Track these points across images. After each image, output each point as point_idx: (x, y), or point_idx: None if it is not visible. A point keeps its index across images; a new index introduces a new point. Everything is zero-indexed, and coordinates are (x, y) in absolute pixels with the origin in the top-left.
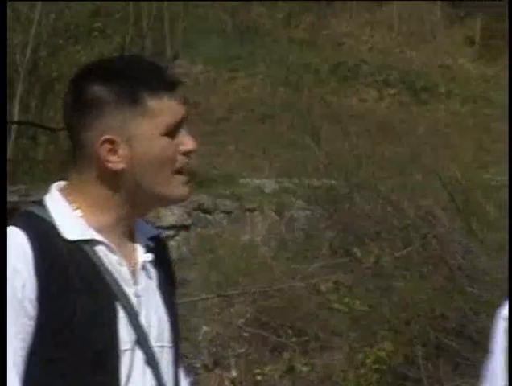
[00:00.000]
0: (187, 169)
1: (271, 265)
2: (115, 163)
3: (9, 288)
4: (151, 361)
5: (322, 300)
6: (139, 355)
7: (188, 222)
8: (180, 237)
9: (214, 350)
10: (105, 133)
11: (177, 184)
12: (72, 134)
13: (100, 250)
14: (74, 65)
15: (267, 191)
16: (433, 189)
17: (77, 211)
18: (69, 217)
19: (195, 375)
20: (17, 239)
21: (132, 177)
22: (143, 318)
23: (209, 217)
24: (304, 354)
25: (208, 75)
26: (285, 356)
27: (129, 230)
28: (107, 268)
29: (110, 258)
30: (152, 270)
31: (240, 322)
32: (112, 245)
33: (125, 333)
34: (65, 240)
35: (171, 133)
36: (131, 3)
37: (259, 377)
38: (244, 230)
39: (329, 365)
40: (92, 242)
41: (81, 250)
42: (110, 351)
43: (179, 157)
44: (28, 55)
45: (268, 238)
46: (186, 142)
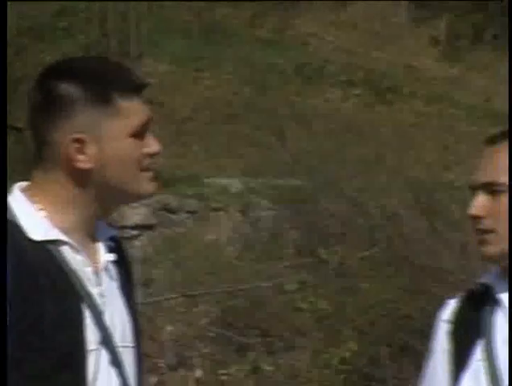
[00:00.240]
0: (153, 167)
1: (236, 265)
2: (83, 162)
3: None
4: (116, 361)
5: (287, 300)
6: (104, 356)
7: (153, 222)
8: (145, 237)
9: (179, 350)
10: (74, 132)
11: (144, 180)
12: (38, 133)
13: (65, 250)
14: (39, 65)
15: (232, 191)
16: (397, 189)
17: (42, 212)
18: (33, 217)
19: (159, 374)
20: None
21: (99, 176)
22: (107, 319)
23: (174, 217)
24: (269, 354)
25: (172, 75)
26: (250, 356)
27: (91, 230)
28: (72, 268)
29: (75, 258)
30: (113, 270)
31: (204, 322)
32: (76, 245)
33: (91, 333)
34: (30, 241)
35: (139, 135)
36: (96, 3)
37: (224, 377)
38: (209, 230)
39: (294, 365)
40: (57, 242)
41: (46, 250)
42: (77, 352)
43: (144, 158)
44: None
45: (233, 238)
46: (151, 144)
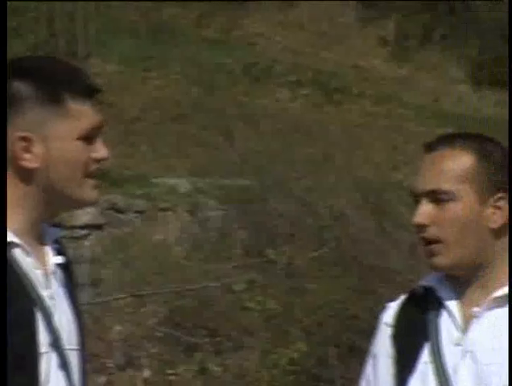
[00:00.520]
0: (97, 174)
1: (184, 265)
2: (29, 161)
3: None
4: (64, 364)
5: (235, 300)
6: (54, 358)
7: (101, 221)
8: (93, 237)
9: (127, 350)
10: (21, 130)
11: (87, 188)
12: None
13: (16, 253)
14: None
15: (180, 191)
16: (346, 189)
17: None
18: None
19: (107, 374)
20: None
21: (45, 177)
22: (57, 321)
23: (122, 217)
24: (217, 354)
25: (120, 75)
26: (198, 356)
27: (38, 232)
28: (24, 271)
29: (25, 261)
30: (60, 273)
31: (152, 322)
32: (27, 248)
33: (42, 336)
34: None
35: (87, 138)
36: (44, 3)
37: (172, 377)
38: (157, 230)
39: (242, 365)
40: (10, 244)
41: None
42: (30, 354)
43: (91, 162)
44: None
45: (181, 238)
46: (100, 149)
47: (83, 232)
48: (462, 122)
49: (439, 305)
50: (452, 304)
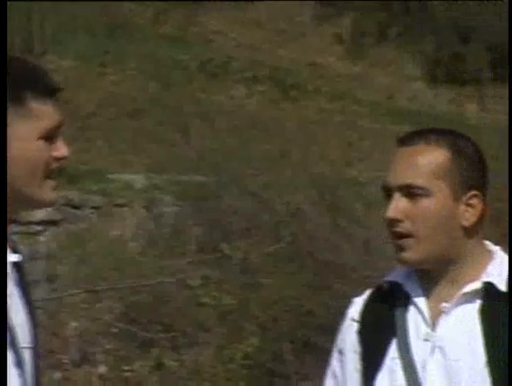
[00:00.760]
0: (57, 173)
1: (140, 261)
2: None
3: None
4: (19, 362)
5: (190, 295)
6: (11, 357)
7: (57, 217)
8: (49, 233)
9: (82, 345)
10: None
11: (47, 188)
12: None
13: None
14: None
15: (136, 187)
16: (302, 185)
17: None
18: None
19: (63, 370)
20: None
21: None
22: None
23: (78, 212)
24: (173, 349)
25: (77, 71)
26: (154, 352)
27: None
28: None
29: None
30: (13, 271)
31: (108, 318)
32: None
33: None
34: None
35: (48, 138)
36: None
37: (127, 373)
38: (113, 225)
39: (198, 361)
40: None
41: None
42: None
43: (52, 161)
44: None
45: (137, 234)
46: (60, 148)
47: (39, 228)
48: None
49: (406, 300)
50: (420, 299)
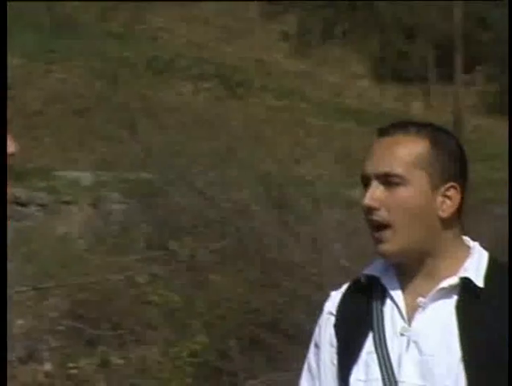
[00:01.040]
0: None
1: (87, 258)
2: None
3: None
4: None
5: (138, 293)
6: None
7: None
8: None
9: (28, 343)
10: None
11: None
12: None
13: None
14: None
15: (83, 184)
16: (249, 183)
17: None
18: None
19: (9, 368)
20: None
21: None
22: None
23: (25, 210)
24: (120, 347)
25: (23, 68)
26: (100, 349)
27: None
28: None
29: None
30: None
31: (55, 315)
32: None
33: None
34: None
35: None
36: None
37: (74, 371)
38: (60, 223)
39: (145, 358)
40: None
41: None
42: None
43: None
44: None
45: (84, 231)
46: (9, 145)
47: None
48: (363, 116)
49: (383, 294)
50: (397, 293)
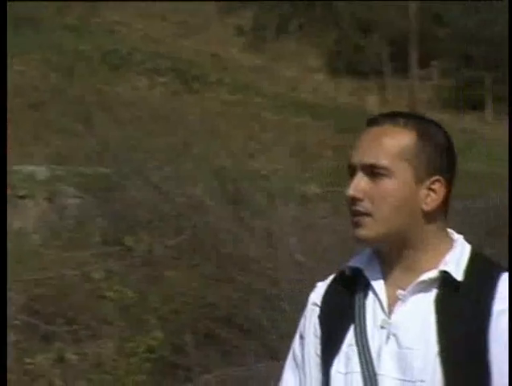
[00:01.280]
0: None
1: (42, 253)
2: None
3: None
4: None
5: (93, 288)
6: None
7: None
8: None
9: None
10: None
11: None
12: None
13: None
14: None
15: (39, 179)
16: (204, 177)
17: None
18: None
19: None
20: None
21: None
22: None
23: None
24: (75, 342)
25: None
26: (56, 345)
27: None
28: None
29: None
30: None
31: (10, 311)
32: None
33: None
34: None
35: None
36: None
37: (29, 366)
38: (15, 217)
39: (100, 354)
40: None
41: None
42: None
43: None
44: None
45: (39, 226)
46: None
47: None
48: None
49: (366, 286)
50: (379, 286)
